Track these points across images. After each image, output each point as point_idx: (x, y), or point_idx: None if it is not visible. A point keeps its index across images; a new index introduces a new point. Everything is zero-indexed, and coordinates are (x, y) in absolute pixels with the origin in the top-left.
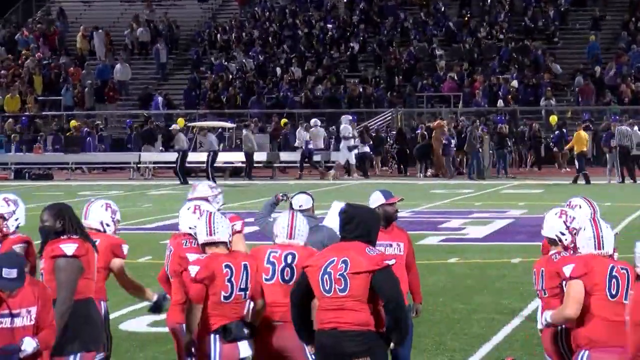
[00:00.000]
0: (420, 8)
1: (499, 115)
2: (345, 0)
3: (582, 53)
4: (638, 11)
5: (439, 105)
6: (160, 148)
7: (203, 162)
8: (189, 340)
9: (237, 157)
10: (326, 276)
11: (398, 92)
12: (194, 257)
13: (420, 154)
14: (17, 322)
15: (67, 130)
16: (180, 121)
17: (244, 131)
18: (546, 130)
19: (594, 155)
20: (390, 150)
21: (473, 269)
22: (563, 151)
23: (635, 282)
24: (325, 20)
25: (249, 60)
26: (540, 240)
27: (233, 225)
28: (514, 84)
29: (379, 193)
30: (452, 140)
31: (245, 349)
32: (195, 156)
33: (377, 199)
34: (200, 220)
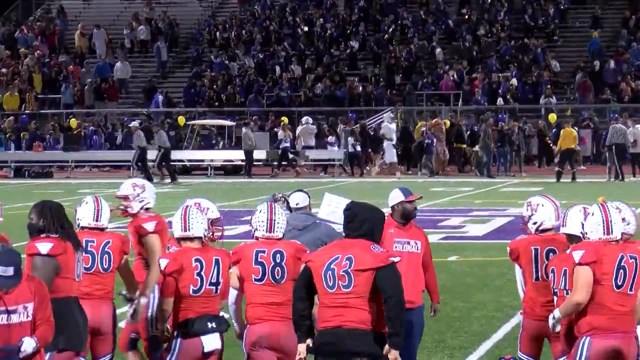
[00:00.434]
0: (420, 6)
1: (500, 114)
2: None
3: (582, 51)
4: (638, 9)
5: (439, 104)
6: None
7: (201, 161)
8: (155, 335)
9: (236, 155)
10: (329, 272)
11: (398, 91)
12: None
13: (419, 151)
14: (14, 318)
15: (67, 129)
16: (181, 119)
17: (244, 129)
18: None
19: (594, 153)
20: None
21: (473, 267)
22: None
23: None
24: (325, 18)
25: (249, 58)
26: None
27: (144, 225)
28: (514, 82)
29: (399, 190)
30: (433, 139)
31: (211, 342)
32: (192, 154)
33: (396, 196)
34: (175, 216)
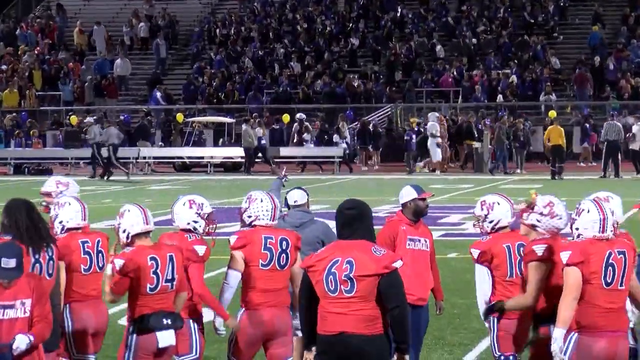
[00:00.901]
0: (420, 3)
1: (499, 111)
2: None
3: (582, 48)
4: (638, 6)
5: (438, 101)
6: (160, 143)
7: (201, 158)
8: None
9: (236, 152)
10: (331, 277)
11: (397, 87)
12: (201, 249)
13: (419, 147)
14: (11, 313)
15: (66, 126)
16: (179, 116)
17: (244, 126)
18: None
19: (593, 151)
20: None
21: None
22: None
23: (632, 265)
24: (325, 15)
25: (248, 59)
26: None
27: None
28: (514, 79)
29: (411, 188)
30: (413, 136)
31: (166, 338)
32: (192, 151)
33: (409, 193)
34: (133, 212)
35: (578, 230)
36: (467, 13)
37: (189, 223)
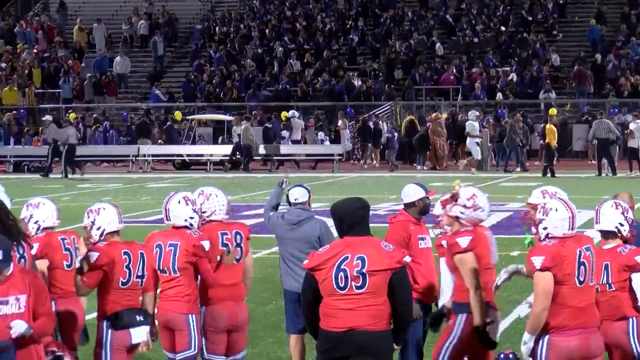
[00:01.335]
0: (420, 2)
1: (499, 109)
2: None
3: (581, 46)
4: (637, 4)
5: (438, 98)
6: (160, 141)
7: (200, 156)
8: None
9: (222, 151)
10: (341, 274)
11: (397, 85)
12: (206, 244)
13: (419, 145)
14: (5, 309)
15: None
16: (177, 114)
17: (243, 124)
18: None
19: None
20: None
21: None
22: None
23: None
24: (325, 12)
25: (249, 59)
26: None
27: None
28: (513, 76)
29: (417, 186)
30: (395, 134)
31: (138, 335)
32: (191, 149)
33: (417, 192)
34: (109, 210)
35: (547, 229)
36: (466, 11)
37: (186, 220)
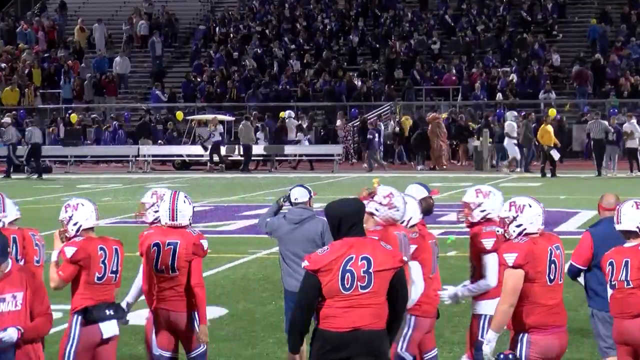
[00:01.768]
0: (420, 1)
1: (499, 109)
2: None
3: (581, 46)
4: (638, 4)
5: (438, 99)
6: (159, 141)
7: (201, 156)
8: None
9: (235, 150)
10: (348, 274)
11: (397, 85)
12: (205, 243)
13: (417, 145)
14: (2, 307)
15: (66, 124)
16: (179, 114)
17: (243, 124)
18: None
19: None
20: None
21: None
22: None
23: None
24: (325, 13)
25: (249, 59)
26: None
27: None
28: (513, 77)
29: (420, 186)
30: (375, 134)
31: (109, 329)
32: (191, 149)
33: (421, 191)
34: (87, 206)
35: (521, 226)
36: (466, 11)
37: (189, 219)
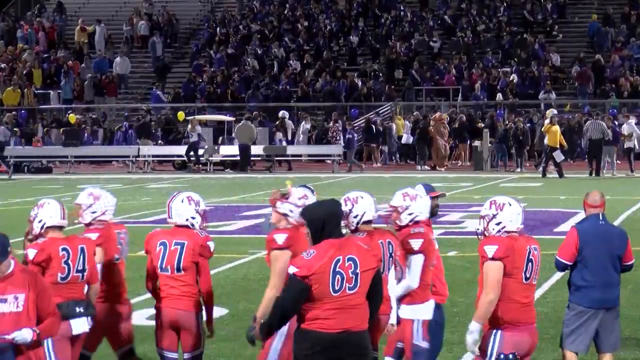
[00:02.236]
0: (420, 1)
1: (499, 109)
2: None
3: (581, 46)
4: (638, 4)
5: (438, 99)
6: (160, 141)
7: (202, 156)
8: None
9: (236, 151)
10: (338, 276)
11: (397, 86)
12: (212, 245)
13: (417, 145)
14: (4, 308)
15: (66, 124)
16: (180, 114)
17: (242, 124)
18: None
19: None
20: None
21: (472, 262)
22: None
23: None
24: (325, 13)
25: (251, 58)
26: (544, 234)
27: None
28: (513, 77)
29: (424, 187)
30: (354, 135)
31: (79, 325)
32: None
33: (424, 192)
34: (53, 205)
35: (501, 224)
36: (466, 11)
37: (187, 219)
